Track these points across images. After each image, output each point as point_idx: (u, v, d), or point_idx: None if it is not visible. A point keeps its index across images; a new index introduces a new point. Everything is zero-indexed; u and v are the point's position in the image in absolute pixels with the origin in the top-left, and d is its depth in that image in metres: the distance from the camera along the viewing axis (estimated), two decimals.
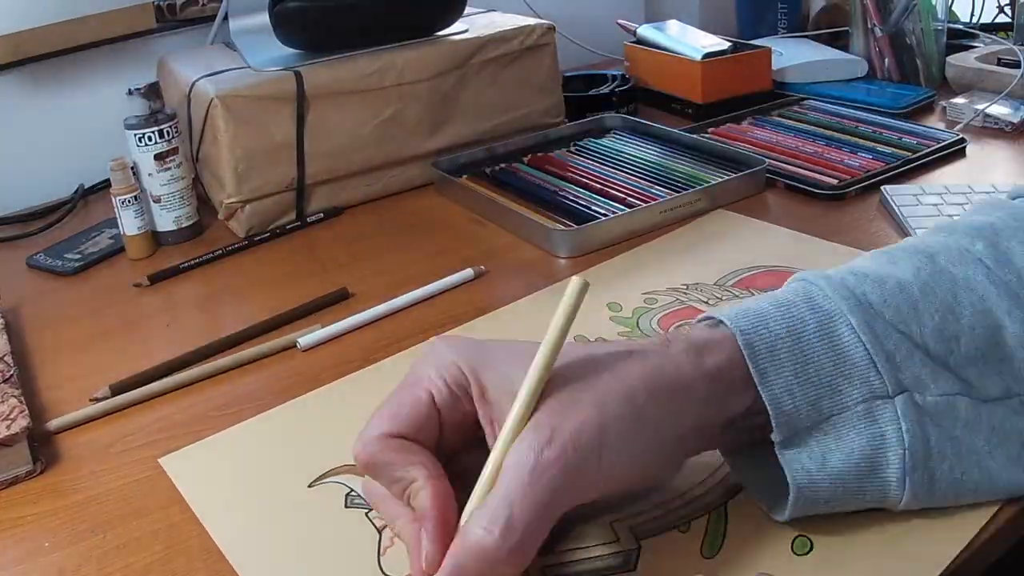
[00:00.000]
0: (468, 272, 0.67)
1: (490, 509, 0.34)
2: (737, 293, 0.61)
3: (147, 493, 0.47)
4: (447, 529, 0.35)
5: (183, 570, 0.42)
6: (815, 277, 0.41)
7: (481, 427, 0.38)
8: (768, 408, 0.38)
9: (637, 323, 0.58)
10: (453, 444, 0.39)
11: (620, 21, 1.12)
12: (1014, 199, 0.47)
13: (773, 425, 0.38)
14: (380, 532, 0.42)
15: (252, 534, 0.43)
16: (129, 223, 0.76)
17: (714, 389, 0.38)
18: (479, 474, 0.35)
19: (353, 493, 0.45)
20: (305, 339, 0.58)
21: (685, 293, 0.62)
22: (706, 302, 0.60)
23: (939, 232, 0.45)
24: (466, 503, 0.36)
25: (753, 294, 0.60)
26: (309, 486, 0.46)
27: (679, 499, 0.43)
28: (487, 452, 0.36)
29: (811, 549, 0.39)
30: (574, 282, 0.37)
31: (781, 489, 0.39)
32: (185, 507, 0.46)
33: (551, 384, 0.36)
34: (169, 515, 0.45)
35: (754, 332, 0.38)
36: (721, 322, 0.40)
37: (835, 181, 0.77)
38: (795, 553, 0.39)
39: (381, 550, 0.41)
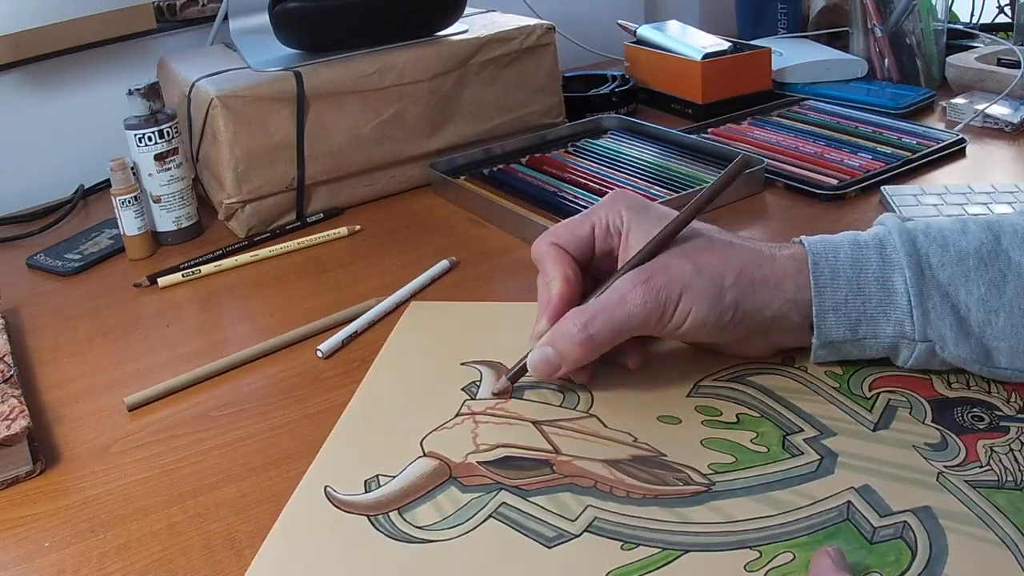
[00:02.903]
0: (444, 263, 0.69)
1: (584, 310, 0.48)
2: None
3: (147, 493, 0.47)
4: (558, 314, 0.49)
5: (183, 570, 0.42)
6: (895, 227, 0.49)
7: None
8: (814, 317, 0.48)
9: None
10: (604, 268, 0.52)
11: (620, 21, 1.12)
12: None
13: (815, 330, 0.48)
14: None
15: None
16: (129, 223, 0.76)
17: (800, 294, 0.48)
18: None
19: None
20: (325, 345, 0.58)
21: None
22: None
23: (1020, 214, 0.51)
24: None
25: None
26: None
27: None
28: None
29: None
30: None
31: None
32: (185, 507, 0.46)
33: (671, 246, 0.49)
34: (169, 515, 0.45)
35: (823, 256, 0.48)
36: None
37: (835, 181, 0.77)
38: None
39: None
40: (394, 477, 0.46)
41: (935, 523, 0.40)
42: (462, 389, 0.53)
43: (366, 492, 0.45)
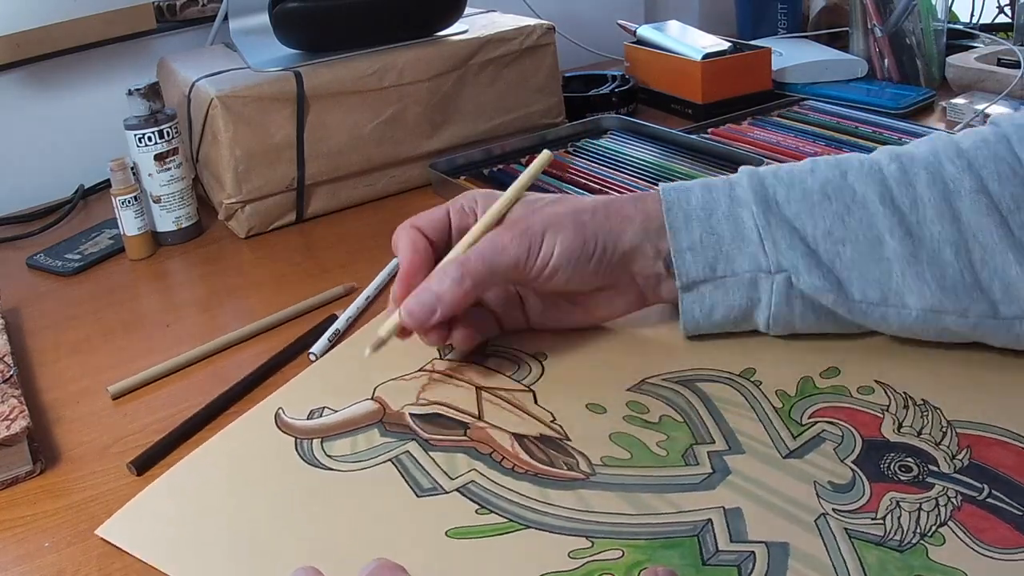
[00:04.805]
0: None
1: (457, 257, 0.50)
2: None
3: None
4: (410, 280, 0.51)
5: None
6: (746, 172, 0.52)
7: None
8: (673, 257, 0.50)
9: None
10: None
11: (620, 21, 1.12)
12: (994, 124, 0.53)
13: (675, 272, 0.51)
14: None
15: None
16: (129, 223, 0.76)
17: (649, 224, 0.51)
18: None
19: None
20: (317, 346, 0.59)
21: None
22: None
23: (879, 151, 0.53)
24: None
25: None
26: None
27: None
28: None
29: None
30: (544, 153, 0.56)
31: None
32: None
33: (520, 205, 0.52)
34: None
35: (675, 202, 0.51)
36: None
37: None
38: None
39: None
40: (336, 411, 0.51)
41: (782, 562, 0.38)
42: (438, 348, 0.55)
43: (307, 419, 0.50)
